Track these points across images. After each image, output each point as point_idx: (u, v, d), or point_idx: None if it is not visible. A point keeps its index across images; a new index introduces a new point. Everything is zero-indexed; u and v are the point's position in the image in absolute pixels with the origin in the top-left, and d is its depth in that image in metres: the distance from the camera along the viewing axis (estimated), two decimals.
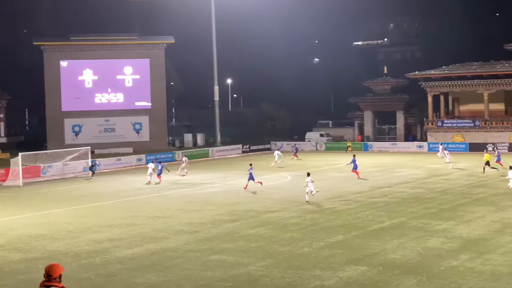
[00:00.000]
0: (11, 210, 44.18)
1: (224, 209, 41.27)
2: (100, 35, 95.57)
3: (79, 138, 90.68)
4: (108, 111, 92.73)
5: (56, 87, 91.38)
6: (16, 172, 60.62)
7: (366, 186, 50.67)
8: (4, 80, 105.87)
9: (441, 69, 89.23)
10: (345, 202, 43.01)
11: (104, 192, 52.99)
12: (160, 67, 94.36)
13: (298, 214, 38.79)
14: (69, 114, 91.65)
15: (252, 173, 51.05)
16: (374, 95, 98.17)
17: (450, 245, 29.44)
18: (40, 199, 50.11)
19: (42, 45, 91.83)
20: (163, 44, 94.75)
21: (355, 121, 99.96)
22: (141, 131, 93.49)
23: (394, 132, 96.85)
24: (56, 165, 66.37)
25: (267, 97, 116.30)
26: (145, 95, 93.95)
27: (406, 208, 39.59)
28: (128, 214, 40.79)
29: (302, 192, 46.95)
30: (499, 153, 61.99)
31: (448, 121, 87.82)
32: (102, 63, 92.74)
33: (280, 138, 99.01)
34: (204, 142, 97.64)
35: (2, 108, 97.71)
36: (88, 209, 43.60)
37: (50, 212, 42.68)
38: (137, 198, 48.63)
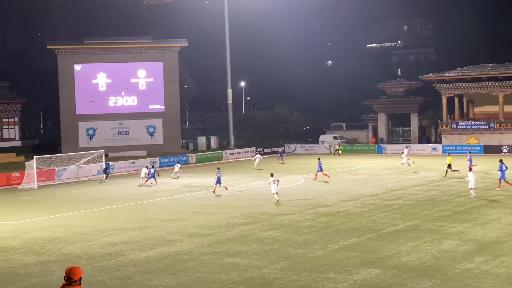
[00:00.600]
0: (26, 213, 44.35)
1: (237, 212, 41.25)
2: (113, 39, 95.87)
3: (93, 141, 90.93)
4: (121, 114, 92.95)
5: (70, 90, 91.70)
6: (31, 175, 60.89)
7: (380, 189, 50.52)
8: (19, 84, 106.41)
9: (455, 71, 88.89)
10: (359, 204, 42.89)
11: (118, 195, 53.10)
12: (173, 70, 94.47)
13: (312, 216, 38.72)
14: (83, 117, 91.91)
15: (220, 177, 51.30)
16: (388, 97, 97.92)
17: (465, 247, 29.30)
18: (55, 202, 50.27)
19: (56, 49, 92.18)
20: (176, 47, 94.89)
21: (369, 123, 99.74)
22: (155, 134, 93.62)
23: (408, 134, 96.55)
24: (70, 168, 66.63)
25: (280, 100, 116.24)
26: (158, 98, 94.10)
27: (420, 211, 39.44)
28: (142, 217, 40.84)
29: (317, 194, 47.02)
30: (471, 156, 61.64)
31: (463, 123, 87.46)
32: (116, 66, 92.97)
33: (294, 140, 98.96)
34: (217, 145, 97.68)
35: (17, 111, 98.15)
36: (103, 212, 43.69)
37: (64, 215, 42.80)
38: (151, 201, 48.69)
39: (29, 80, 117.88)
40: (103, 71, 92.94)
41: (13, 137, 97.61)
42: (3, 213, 45.04)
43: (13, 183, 62.06)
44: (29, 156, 69.68)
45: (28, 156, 72.31)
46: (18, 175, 62.82)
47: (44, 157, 64.44)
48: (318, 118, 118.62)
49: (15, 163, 77.96)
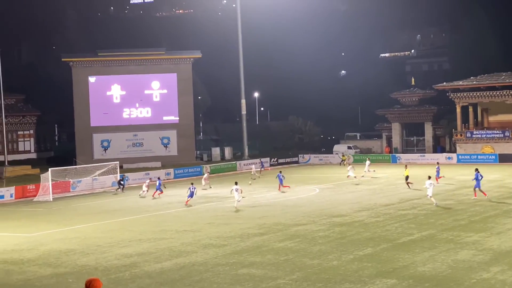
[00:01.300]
0: (42, 225, 44.52)
1: (252, 223, 41.23)
2: (127, 51, 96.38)
3: (108, 153, 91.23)
4: (136, 126, 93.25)
5: (85, 102, 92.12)
6: (46, 188, 61.14)
7: (395, 198, 50.37)
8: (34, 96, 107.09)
9: (469, 80, 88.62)
10: (373, 214, 42.78)
11: (133, 206, 53.20)
12: (187, 81, 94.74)
13: (327, 227, 38.65)
14: (98, 129, 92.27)
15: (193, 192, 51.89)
16: (401, 106, 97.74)
17: (481, 257, 29.15)
18: (70, 214, 50.44)
19: (71, 62, 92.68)
20: (190, 58, 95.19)
21: (383, 133, 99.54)
22: (169, 145, 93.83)
23: (422, 143, 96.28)
24: (85, 180, 66.86)
25: (294, 110, 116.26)
26: (172, 109, 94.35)
27: (435, 220, 39.29)
28: (157, 228, 40.90)
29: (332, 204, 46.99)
30: (439, 168, 61.16)
31: (478, 132, 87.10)
32: (130, 78, 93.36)
33: (308, 151, 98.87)
34: (231, 156, 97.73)
35: (32, 124, 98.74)
36: (117, 224, 43.79)
37: (79, 227, 42.94)
38: (166, 212, 48.75)
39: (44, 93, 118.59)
40: (117, 83, 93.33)
41: (29, 150, 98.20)
42: (18, 225, 45.24)
43: (29, 195, 62.32)
44: (44, 168, 69.95)
45: (43, 168, 72.60)
46: (34, 188, 63.11)
47: (59, 169, 64.69)
48: (332, 128, 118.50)
49: (30, 175, 78.30)
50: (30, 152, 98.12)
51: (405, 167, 59.40)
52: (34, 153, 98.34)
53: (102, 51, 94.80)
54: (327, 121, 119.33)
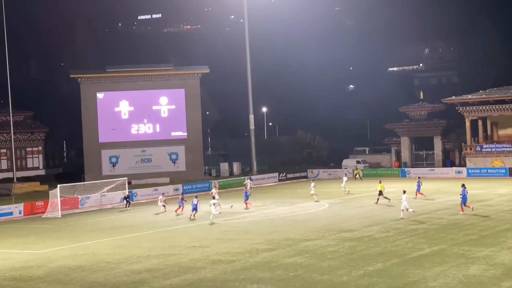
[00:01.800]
0: (50, 242, 44.44)
1: (261, 238, 41.04)
2: (135, 66, 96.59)
3: (116, 169, 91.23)
4: (144, 142, 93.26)
5: (93, 118, 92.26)
6: (54, 204, 61.11)
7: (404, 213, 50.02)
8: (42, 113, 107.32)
9: (478, 94, 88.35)
10: (383, 229, 42.53)
11: (141, 222, 53.09)
12: (195, 97, 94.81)
13: (336, 242, 38.43)
14: (106, 145, 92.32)
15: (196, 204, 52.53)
16: (410, 120, 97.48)
17: (492, 272, 28.88)
18: (79, 230, 50.36)
19: (79, 78, 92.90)
20: (198, 74, 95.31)
21: (392, 147, 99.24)
22: (178, 161, 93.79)
23: (431, 157, 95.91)
24: (94, 196, 66.82)
25: (302, 125, 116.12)
26: (181, 125, 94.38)
27: (446, 235, 39.01)
28: (165, 244, 40.76)
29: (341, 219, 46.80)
30: (420, 182, 60.77)
31: (487, 146, 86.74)
32: (138, 94, 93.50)
33: (317, 165, 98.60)
34: (240, 171, 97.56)
35: (41, 140, 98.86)
36: (126, 240, 43.66)
37: (88, 243, 42.83)
38: (175, 228, 48.60)
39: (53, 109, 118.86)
40: (126, 99, 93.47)
41: (37, 166, 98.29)
42: (27, 242, 45.17)
43: (38, 212, 62.31)
44: (53, 185, 70.04)
45: (52, 185, 72.69)
46: (42, 204, 63.10)
47: (68, 185, 64.71)
48: (340, 142, 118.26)
49: (39, 192, 78.47)
50: (38, 168, 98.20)
51: (379, 182, 59.21)
52: (43, 170, 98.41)
53: (110, 67, 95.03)
54: (335, 136, 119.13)
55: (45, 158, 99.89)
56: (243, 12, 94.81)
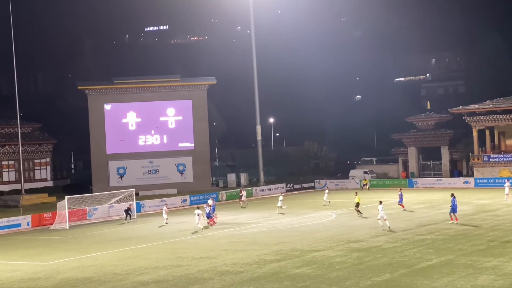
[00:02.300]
0: (58, 253, 44.50)
1: (269, 249, 41.03)
2: (142, 78, 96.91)
3: (124, 180, 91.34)
4: (151, 153, 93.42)
5: (101, 130, 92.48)
6: (62, 216, 61.21)
7: (412, 223, 50.02)
8: (50, 125, 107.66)
9: (485, 103, 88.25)
10: (391, 239, 42.46)
11: (149, 233, 53.12)
12: (202, 108, 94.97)
13: (344, 252, 38.39)
14: (114, 156, 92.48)
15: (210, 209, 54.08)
16: (417, 131, 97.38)
17: (500, 282, 28.81)
18: (86, 241, 50.43)
19: (87, 89, 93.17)
20: (205, 85, 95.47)
21: (399, 157, 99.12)
22: (185, 172, 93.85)
23: (439, 168, 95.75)
24: (101, 208, 66.88)
25: (309, 135, 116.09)
26: (188, 136, 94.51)
27: (454, 245, 38.93)
28: (173, 255, 40.78)
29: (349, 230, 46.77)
30: (401, 194, 60.70)
31: (495, 156, 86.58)
32: (145, 105, 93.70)
33: (324, 176, 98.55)
34: (247, 182, 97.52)
35: (48, 152, 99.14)
36: (134, 251, 43.69)
37: (96, 255, 42.87)
38: (182, 239, 48.62)
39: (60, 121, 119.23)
40: (133, 110, 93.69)
41: (45, 178, 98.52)
42: (35, 254, 45.25)
43: (45, 224, 62.42)
44: (60, 196, 70.17)
45: (59, 196, 72.82)
46: (50, 216, 63.20)
47: (76, 197, 64.80)
48: (348, 153, 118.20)
49: (47, 203, 78.60)
50: (46, 180, 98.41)
51: (355, 194, 59.26)
52: (51, 181, 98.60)
53: (118, 78, 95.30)
54: (342, 146, 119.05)
55: (53, 170, 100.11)
56: (250, 23, 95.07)
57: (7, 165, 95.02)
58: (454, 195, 49.90)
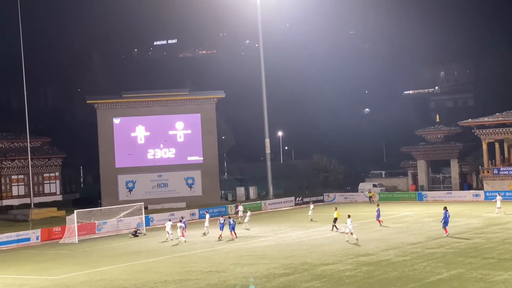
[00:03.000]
0: (67, 268, 44.48)
1: (278, 263, 40.91)
2: (151, 92, 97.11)
3: (133, 194, 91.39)
4: (160, 167, 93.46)
5: (110, 144, 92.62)
6: (71, 230, 61.22)
7: (422, 237, 49.81)
8: (59, 139, 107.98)
9: (495, 116, 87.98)
10: (401, 253, 42.29)
11: (158, 247, 53.07)
12: (211, 121, 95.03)
13: (353, 266, 38.23)
14: (123, 170, 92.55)
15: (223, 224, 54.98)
16: (426, 143, 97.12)
17: None
18: (96, 256, 50.39)
19: (96, 104, 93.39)
20: (213, 98, 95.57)
21: (409, 170, 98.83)
22: (194, 185, 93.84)
23: (448, 181, 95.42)
24: (110, 222, 66.87)
25: (318, 149, 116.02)
26: (197, 149, 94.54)
27: (464, 259, 38.73)
28: (182, 269, 40.71)
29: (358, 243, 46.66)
30: (379, 210, 60.36)
31: (504, 169, 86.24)
32: (154, 119, 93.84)
33: (333, 189, 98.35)
34: (256, 195, 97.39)
35: (58, 166, 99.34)
36: (143, 265, 43.64)
37: (105, 269, 42.83)
38: (192, 253, 48.54)
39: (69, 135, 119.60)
40: (142, 124, 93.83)
41: (54, 192, 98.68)
42: (44, 268, 45.25)
43: (55, 238, 62.44)
44: (70, 210, 70.22)
45: (69, 210, 72.87)
46: (59, 230, 63.23)
47: (85, 211, 64.81)
48: (357, 166, 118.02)
49: (56, 217, 78.69)
50: (55, 194, 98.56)
51: (335, 209, 59.06)
52: (60, 195, 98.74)
53: (126, 92, 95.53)
54: (351, 159, 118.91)
55: (62, 184, 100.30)
56: (258, 37, 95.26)
57: (17, 179, 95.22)
58: (446, 208, 50.66)
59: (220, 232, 54.91)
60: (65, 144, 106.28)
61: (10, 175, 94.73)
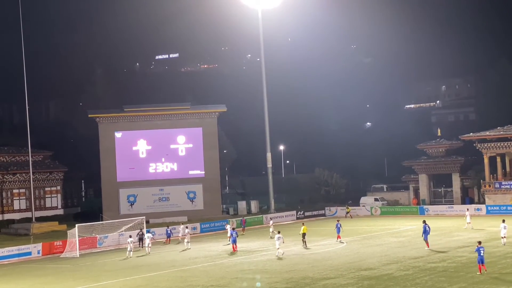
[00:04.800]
0: (68, 282, 44.41)
1: (279, 277, 40.83)
2: (153, 106, 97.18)
3: (134, 208, 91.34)
4: (162, 181, 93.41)
5: (111, 158, 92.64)
6: (73, 244, 61.19)
7: (423, 251, 49.72)
8: (61, 153, 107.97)
9: (496, 130, 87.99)
10: (402, 267, 42.20)
11: (159, 261, 52.99)
12: (212, 135, 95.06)
13: (355, 280, 38.15)
14: (124, 184, 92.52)
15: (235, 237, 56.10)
16: (428, 157, 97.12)
17: None
18: (97, 270, 50.32)
19: (97, 117, 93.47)
20: (215, 112, 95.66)
21: (410, 184, 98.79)
22: (195, 199, 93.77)
23: (450, 195, 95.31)
24: (112, 236, 66.82)
25: (320, 163, 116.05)
26: (198, 163, 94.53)
27: (466, 273, 38.65)
28: (183, 283, 40.63)
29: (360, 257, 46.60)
30: (339, 225, 60.14)
31: (506, 183, 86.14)
32: (156, 133, 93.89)
33: (335, 203, 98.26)
34: (258, 209, 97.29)
35: (59, 180, 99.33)
36: (144, 279, 43.57)
37: (106, 283, 42.77)
38: (193, 267, 48.47)
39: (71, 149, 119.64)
40: (143, 138, 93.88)
41: (56, 206, 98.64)
42: (45, 282, 45.19)
43: (56, 252, 62.41)
44: (71, 224, 70.21)
45: (70, 224, 72.85)
46: (61, 244, 63.21)
47: (86, 225, 64.85)
48: (358, 180, 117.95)
49: (57, 231, 78.68)
50: (57, 208, 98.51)
51: (302, 224, 59.26)
52: (61, 209, 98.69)
53: (128, 106, 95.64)
54: (353, 173, 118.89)
55: (63, 198, 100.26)
56: (260, 51, 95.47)
57: (18, 193, 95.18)
58: (425, 222, 52.06)
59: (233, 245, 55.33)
60: (66, 158, 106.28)
61: (12, 189, 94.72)
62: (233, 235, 56.17)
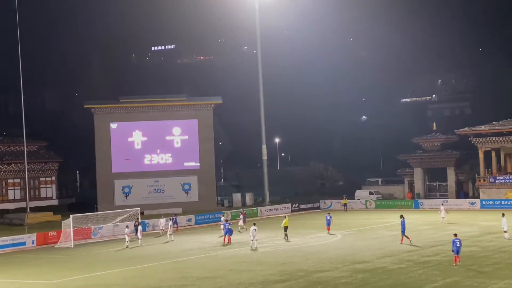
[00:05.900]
0: (63, 272, 44.40)
1: (274, 269, 40.89)
2: (149, 97, 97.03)
3: (129, 199, 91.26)
4: (157, 172, 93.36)
5: (106, 149, 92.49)
6: (67, 234, 61.15)
7: (418, 244, 49.81)
8: (56, 143, 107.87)
9: (491, 125, 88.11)
10: (396, 261, 42.29)
11: (154, 253, 52.99)
12: (208, 127, 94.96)
13: (349, 273, 38.23)
14: (119, 175, 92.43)
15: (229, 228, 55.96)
16: (423, 151, 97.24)
17: None
18: (91, 260, 50.31)
19: (93, 108, 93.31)
20: (211, 104, 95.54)
21: (405, 178, 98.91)
22: (190, 191, 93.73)
23: (445, 189, 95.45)
24: (106, 227, 66.81)
25: (315, 156, 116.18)
26: (193, 155, 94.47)
27: (459, 267, 38.74)
28: (178, 275, 40.65)
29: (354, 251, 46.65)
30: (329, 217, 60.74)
31: (501, 177, 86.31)
32: (151, 124, 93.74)
33: (330, 196, 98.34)
34: (253, 202, 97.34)
35: (54, 170, 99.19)
36: (139, 271, 43.57)
37: (100, 274, 42.77)
38: (187, 258, 48.50)
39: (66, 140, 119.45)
40: (139, 129, 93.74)
41: (50, 196, 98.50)
42: (40, 273, 45.17)
43: (50, 242, 62.31)
44: (66, 215, 70.11)
45: (65, 215, 72.74)
46: (55, 234, 63.12)
47: (81, 215, 64.76)
48: (353, 173, 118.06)
49: (52, 222, 78.55)
50: (51, 198, 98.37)
51: (284, 217, 59.47)
52: (56, 200, 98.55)
53: (124, 97, 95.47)
54: (348, 167, 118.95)
55: (58, 188, 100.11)
56: (256, 43, 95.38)
57: (13, 183, 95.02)
58: (403, 216, 52.12)
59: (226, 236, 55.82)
60: (61, 148, 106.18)
61: (6, 179, 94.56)
62: (226, 227, 56.33)
